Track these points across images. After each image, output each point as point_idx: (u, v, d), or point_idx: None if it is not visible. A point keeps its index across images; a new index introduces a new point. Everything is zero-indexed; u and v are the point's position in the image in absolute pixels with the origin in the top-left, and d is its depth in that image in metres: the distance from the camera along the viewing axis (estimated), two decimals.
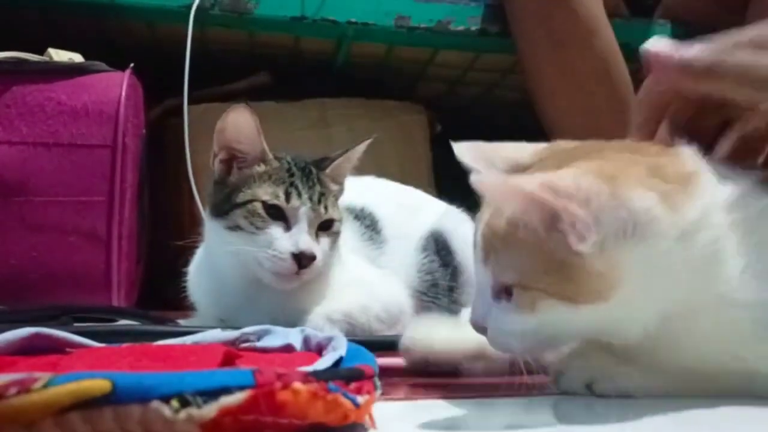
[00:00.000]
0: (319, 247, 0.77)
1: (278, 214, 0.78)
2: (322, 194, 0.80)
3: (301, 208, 0.77)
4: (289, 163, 0.81)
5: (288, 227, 0.77)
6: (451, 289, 0.91)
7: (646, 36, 1.45)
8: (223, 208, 0.79)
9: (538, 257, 0.45)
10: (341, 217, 0.82)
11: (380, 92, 1.44)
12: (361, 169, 0.94)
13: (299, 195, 0.78)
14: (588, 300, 0.45)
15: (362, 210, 0.92)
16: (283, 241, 0.76)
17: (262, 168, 0.80)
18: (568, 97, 1.09)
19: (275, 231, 0.77)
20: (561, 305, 0.45)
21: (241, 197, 0.78)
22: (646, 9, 1.40)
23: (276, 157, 0.82)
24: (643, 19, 1.38)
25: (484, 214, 0.49)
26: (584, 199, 0.43)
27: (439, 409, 0.48)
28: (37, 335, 0.51)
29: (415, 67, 1.44)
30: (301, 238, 0.76)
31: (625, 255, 0.44)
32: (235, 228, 0.78)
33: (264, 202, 0.77)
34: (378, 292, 0.84)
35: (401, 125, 1.42)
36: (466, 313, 0.79)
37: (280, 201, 0.77)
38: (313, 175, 0.81)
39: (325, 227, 0.80)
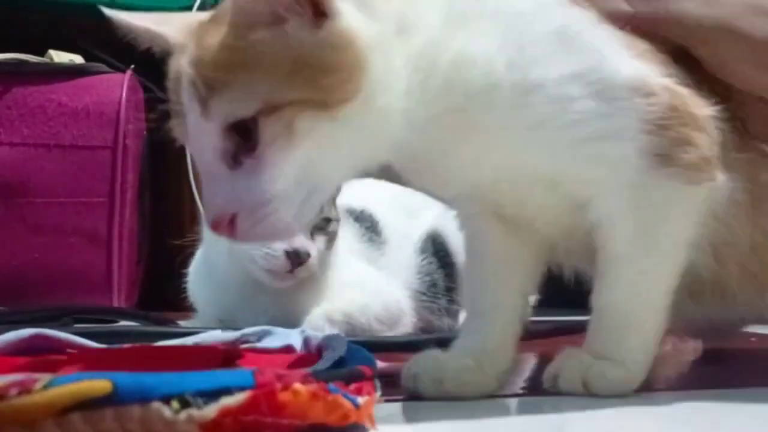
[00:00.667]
0: (314, 245, 0.78)
1: None
2: None
3: None
4: None
5: None
6: (449, 290, 0.91)
7: None
8: None
9: (279, 59, 0.38)
10: (338, 218, 0.82)
11: None
12: None
13: None
14: (342, 96, 0.38)
15: (362, 212, 0.92)
16: None
17: None
18: None
19: None
20: (321, 117, 0.38)
21: None
22: None
23: None
24: None
25: (180, 58, 0.40)
26: None
27: (438, 409, 0.48)
28: (37, 336, 0.51)
29: None
30: (298, 240, 0.77)
31: (365, 28, 0.40)
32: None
33: None
34: (378, 292, 0.84)
35: None
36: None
37: None
38: None
39: (321, 227, 0.80)
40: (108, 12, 0.46)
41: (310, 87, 0.38)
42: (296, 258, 0.76)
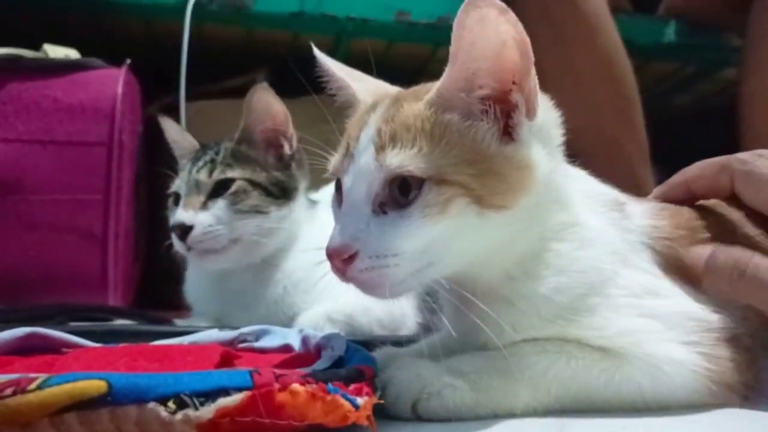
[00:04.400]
0: (200, 214, 0.78)
1: (177, 199, 0.82)
2: (210, 161, 0.81)
3: (181, 186, 0.81)
4: (197, 151, 0.85)
5: None
6: None
7: (648, 32, 1.45)
8: None
9: (462, 146, 0.42)
10: (248, 175, 0.80)
11: None
12: None
13: (182, 175, 0.82)
14: (497, 203, 0.42)
15: None
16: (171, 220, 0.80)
17: (184, 162, 0.86)
18: (569, 93, 1.08)
19: (173, 213, 0.81)
20: (472, 209, 0.41)
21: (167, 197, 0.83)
22: (650, 5, 1.39)
23: (204, 144, 0.86)
24: (646, 15, 1.38)
25: (373, 115, 0.44)
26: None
27: None
28: (33, 335, 0.50)
29: (416, 63, 1.44)
30: (175, 212, 0.79)
31: (543, 163, 0.44)
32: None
33: (171, 194, 0.83)
34: None
35: None
36: None
37: (174, 186, 0.82)
38: (214, 150, 0.83)
39: (218, 192, 0.79)
40: (316, 52, 0.53)
41: (478, 181, 0.42)
42: (178, 230, 0.78)
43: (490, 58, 0.41)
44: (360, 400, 0.37)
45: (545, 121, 0.45)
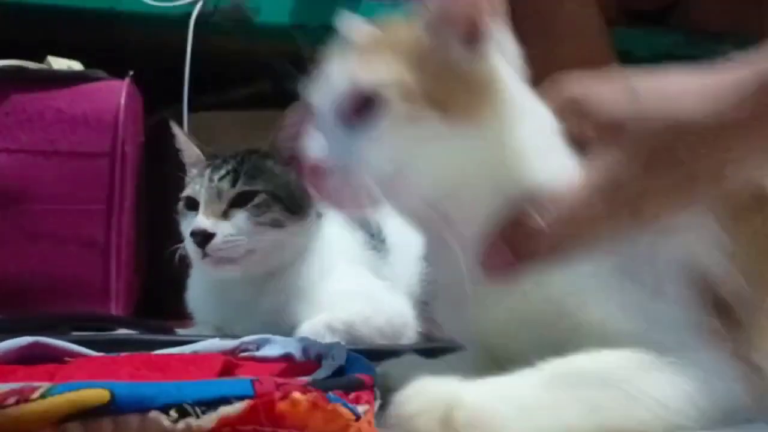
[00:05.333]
0: (221, 223, 0.78)
1: (192, 204, 0.81)
2: (233, 170, 0.81)
3: (201, 191, 0.80)
4: (216, 159, 0.84)
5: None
6: None
7: (645, 43, 1.45)
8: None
9: (426, 56, 0.43)
10: (271, 188, 0.81)
11: None
12: None
13: (201, 181, 0.81)
14: (463, 113, 0.42)
15: (366, 218, 0.92)
16: (188, 225, 0.80)
17: (193, 172, 0.85)
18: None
19: (189, 219, 0.81)
20: (437, 121, 0.41)
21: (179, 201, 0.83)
22: (645, 17, 1.40)
23: (211, 156, 0.86)
24: (641, 27, 1.39)
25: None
26: None
27: None
28: (36, 344, 0.50)
29: None
30: (195, 219, 0.79)
31: (499, 74, 0.44)
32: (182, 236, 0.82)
33: (183, 198, 0.82)
34: (382, 305, 0.83)
35: None
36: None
37: (189, 191, 0.82)
38: (236, 159, 0.83)
39: (241, 202, 0.80)
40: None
41: (444, 87, 0.42)
42: (199, 237, 0.77)
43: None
44: (361, 409, 0.37)
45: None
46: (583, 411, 0.40)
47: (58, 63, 1.10)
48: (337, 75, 0.44)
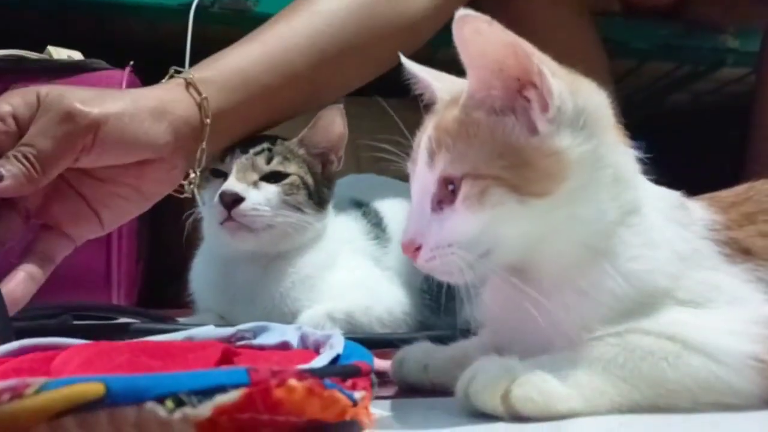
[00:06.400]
0: (252, 189, 0.79)
1: (219, 173, 0.82)
2: (268, 149, 0.82)
3: (233, 161, 0.81)
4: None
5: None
6: (450, 289, 0.91)
7: (642, 34, 1.44)
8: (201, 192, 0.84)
9: (493, 141, 0.46)
10: (302, 174, 0.83)
11: (387, 91, 1.44)
12: (364, 168, 0.94)
13: (234, 154, 0.82)
14: (536, 190, 0.45)
15: (368, 206, 0.92)
16: (216, 190, 0.80)
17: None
18: None
19: (215, 185, 0.81)
20: (510, 197, 0.45)
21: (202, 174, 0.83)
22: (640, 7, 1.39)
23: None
24: (639, 18, 1.38)
25: (430, 121, 0.50)
26: (554, 71, 0.46)
27: (436, 407, 0.48)
28: (23, 347, 0.50)
29: (423, 55, 1.43)
30: (226, 182, 0.79)
31: (575, 148, 0.46)
32: (202, 203, 0.83)
33: (208, 169, 0.82)
34: (382, 295, 0.84)
35: (412, 123, 1.42)
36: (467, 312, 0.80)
37: (217, 163, 0.82)
38: (270, 141, 0.84)
39: (274, 179, 0.81)
40: (402, 58, 0.57)
41: (511, 172, 0.45)
42: (228, 197, 0.78)
43: (490, 63, 0.46)
44: (357, 395, 0.37)
45: (582, 105, 0.47)
46: (632, 387, 0.44)
47: (59, 53, 1.09)
48: (425, 168, 0.49)
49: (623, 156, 0.50)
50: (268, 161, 0.82)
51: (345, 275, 0.84)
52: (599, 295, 0.46)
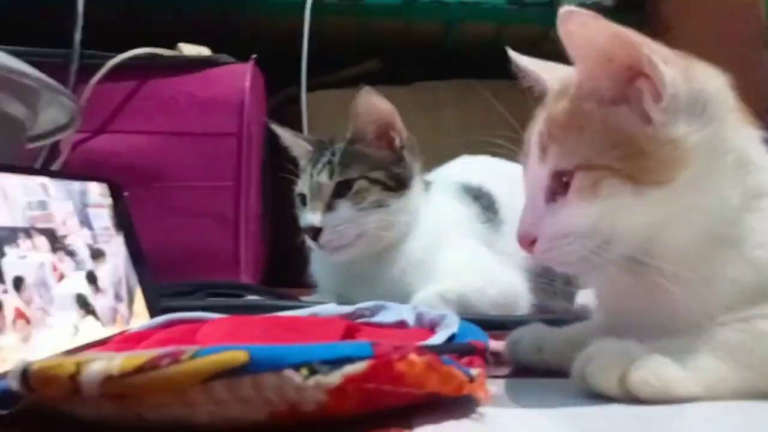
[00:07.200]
0: (326, 215, 0.84)
1: (304, 199, 0.88)
2: (329, 163, 0.86)
3: (306, 190, 0.86)
4: (317, 148, 0.90)
5: None
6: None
7: None
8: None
9: (605, 131, 0.45)
10: (366, 172, 0.85)
11: (491, 72, 1.43)
12: (474, 150, 0.94)
13: (305, 177, 0.87)
14: (653, 179, 0.44)
15: (480, 189, 0.92)
16: (302, 220, 0.86)
17: (303, 162, 0.92)
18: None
19: (302, 214, 0.87)
20: (625, 187, 0.44)
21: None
22: None
23: (317, 142, 0.90)
24: None
25: (541, 114, 0.49)
26: (665, 58, 0.44)
27: (550, 388, 0.49)
28: (171, 321, 0.55)
29: (528, 45, 1.41)
30: (304, 215, 0.85)
31: (692, 136, 0.44)
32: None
33: (296, 195, 0.89)
34: (495, 277, 0.84)
35: (514, 105, 1.40)
36: (581, 296, 0.79)
37: (299, 187, 0.89)
38: (332, 149, 0.87)
39: (342, 192, 0.84)
40: (510, 52, 0.57)
41: (626, 162, 0.45)
42: (310, 232, 0.84)
43: (598, 55, 0.45)
44: (474, 372, 0.39)
45: (699, 91, 0.46)
46: (759, 374, 0.43)
47: (188, 49, 1.16)
48: (536, 162, 0.48)
49: (747, 139, 0.48)
50: (330, 175, 0.85)
51: (456, 258, 0.85)
52: (723, 283, 0.45)
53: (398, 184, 0.86)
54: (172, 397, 0.33)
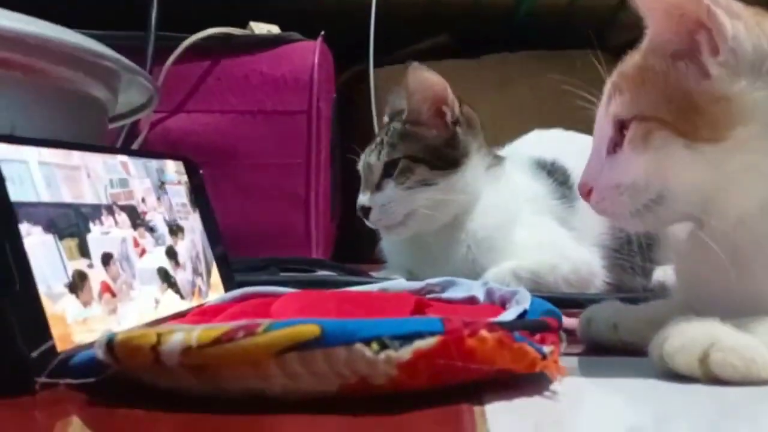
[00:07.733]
0: (375, 195, 0.85)
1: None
2: (379, 143, 0.87)
3: (360, 169, 0.89)
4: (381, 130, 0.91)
5: None
6: (646, 246, 0.86)
7: None
8: None
9: (664, 86, 0.45)
10: (411, 151, 0.85)
11: (565, 42, 1.38)
12: (548, 123, 0.92)
13: (363, 158, 0.89)
14: (705, 136, 0.43)
15: (553, 164, 0.90)
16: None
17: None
18: None
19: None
20: (676, 141, 0.44)
21: None
22: None
23: (394, 115, 0.91)
24: None
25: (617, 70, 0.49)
26: (732, 12, 0.43)
27: (626, 367, 0.48)
28: (247, 294, 0.57)
29: (601, 16, 1.36)
30: (359, 197, 0.87)
31: (753, 93, 0.43)
32: None
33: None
34: (569, 254, 0.82)
35: (588, 77, 1.36)
36: (659, 273, 0.76)
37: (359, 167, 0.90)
38: (385, 130, 0.89)
39: (388, 173, 0.85)
40: None
41: (678, 115, 0.44)
42: (361, 211, 0.86)
43: (665, 8, 0.45)
44: (546, 349, 0.38)
45: (759, 47, 0.44)
46: None
47: (259, 28, 1.18)
48: (603, 111, 0.49)
49: None
50: (378, 155, 0.86)
51: (529, 234, 0.83)
52: None
53: (446, 163, 0.85)
54: (248, 369, 0.34)
